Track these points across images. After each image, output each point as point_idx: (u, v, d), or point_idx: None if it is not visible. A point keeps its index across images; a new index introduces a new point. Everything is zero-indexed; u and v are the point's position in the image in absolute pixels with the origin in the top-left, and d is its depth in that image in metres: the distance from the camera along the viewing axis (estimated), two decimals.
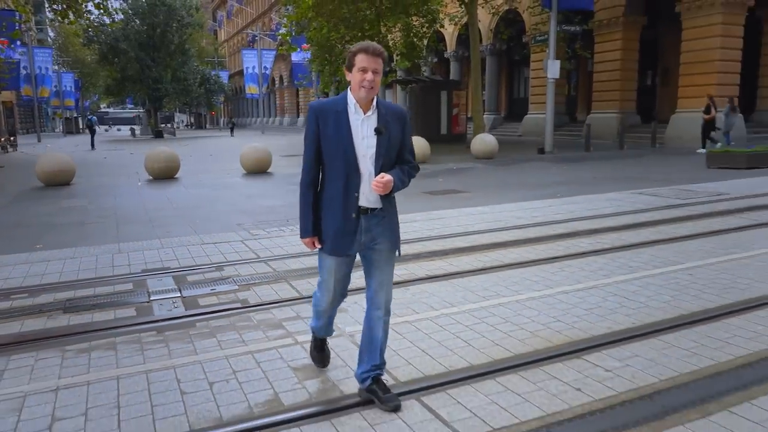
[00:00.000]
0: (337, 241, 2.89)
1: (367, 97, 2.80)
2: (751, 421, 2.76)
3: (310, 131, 2.88)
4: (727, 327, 3.94)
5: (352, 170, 2.82)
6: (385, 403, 2.94)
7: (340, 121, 2.81)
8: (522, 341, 3.81)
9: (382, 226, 2.92)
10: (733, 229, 7.00)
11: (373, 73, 2.76)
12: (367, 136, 2.82)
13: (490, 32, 32.06)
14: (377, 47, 2.81)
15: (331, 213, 2.89)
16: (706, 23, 20.82)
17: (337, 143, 2.81)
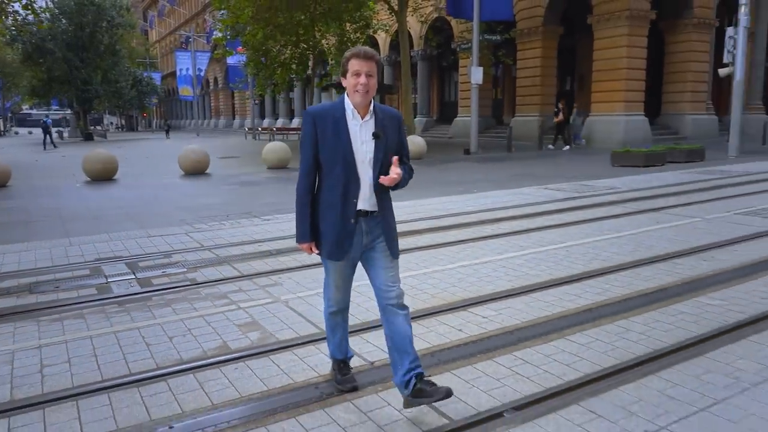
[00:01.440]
0: (335, 245, 2.92)
1: (363, 102, 2.83)
2: (576, 344, 3.81)
3: (308, 136, 2.89)
4: (582, 287, 5.04)
5: (352, 175, 2.85)
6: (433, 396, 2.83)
7: (339, 127, 2.83)
8: (423, 301, 4.77)
9: (380, 228, 2.96)
10: (613, 216, 8.27)
11: (367, 76, 2.78)
12: (365, 140, 2.85)
13: (421, 39, 33.39)
14: (369, 51, 2.83)
15: (328, 218, 2.91)
16: (614, 34, 22.75)
17: (336, 149, 2.83)
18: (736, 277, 5.22)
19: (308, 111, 2.92)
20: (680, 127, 25.26)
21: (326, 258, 3.00)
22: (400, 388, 2.91)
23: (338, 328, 3.21)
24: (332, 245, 2.93)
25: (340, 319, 3.19)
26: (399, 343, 2.92)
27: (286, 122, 51.19)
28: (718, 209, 8.61)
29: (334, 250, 2.93)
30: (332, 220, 2.89)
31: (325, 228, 2.93)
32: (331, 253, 2.95)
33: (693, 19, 24.47)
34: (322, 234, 2.95)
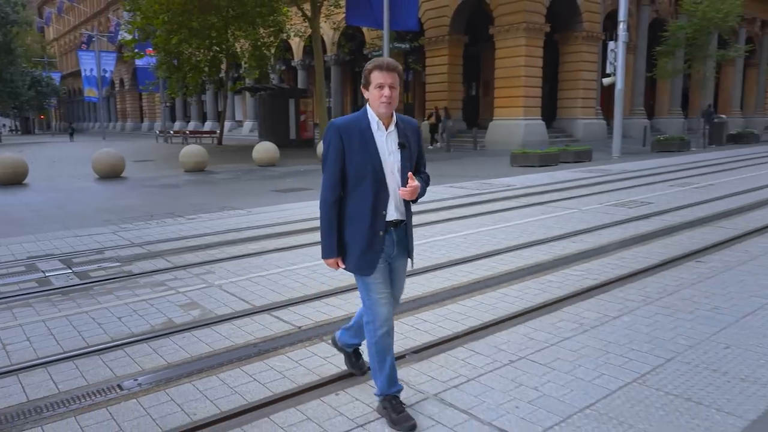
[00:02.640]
0: (363, 259, 2.89)
1: (387, 113, 2.83)
2: (465, 306, 4.73)
3: (334, 149, 2.84)
4: (474, 266, 6.01)
5: (381, 187, 2.85)
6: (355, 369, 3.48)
7: (366, 139, 2.82)
8: (340, 281, 5.56)
9: (408, 235, 3.03)
10: (506, 209, 9.42)
11: (390, 88, 2.78)
12: (392, 151, 2.87)
13: (334, 45, 34.21)
14: (392, 62, 2.82)
15: (356, 231, 2.89)
16: (513, 44, 24.55)
17: (365, 161, 2.81)
18: (597, 254, 6.38)
19: (333, 124, 2.88)
20: (573, 130, 27.54)
21: (354, 272, 2.96)
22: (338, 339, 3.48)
23: (388, 353, 3.00)
24: (360, 259, 2.89)
25: (391, 339, 3.01)
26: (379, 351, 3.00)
27: (199, 125, 50.39)
28: (593, 202, 9.99)
29: (363, 263, 2.90)
30: (361, 233, 2.87)
31: (352, 241, 2.90)
32: (359, 267, 2.91)
33: (582, 32, 26.79)
34: (349, 247, 2.91)
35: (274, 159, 18.44)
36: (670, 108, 33.62)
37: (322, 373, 3.59)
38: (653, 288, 5.10)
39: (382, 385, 3.00)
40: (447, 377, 3.47)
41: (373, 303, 2.94)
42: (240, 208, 10.02)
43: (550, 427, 2.90)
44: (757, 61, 40.45)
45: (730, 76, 37.92)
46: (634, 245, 6.78)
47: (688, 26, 23.67)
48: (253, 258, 6.54)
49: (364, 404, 3.17)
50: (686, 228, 7.67)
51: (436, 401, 3.19)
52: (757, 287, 5.07)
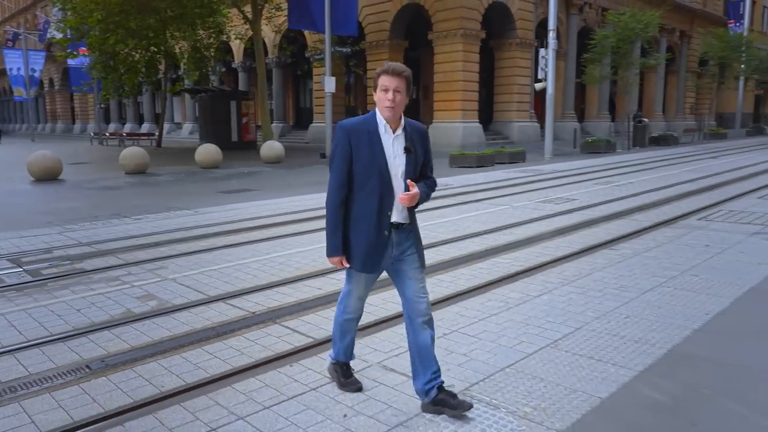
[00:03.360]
0: (368, 258, 2.98)
1: (391, 116, 2.90)
2: None
3: (342, 151, 2.92)
4: None
5: (386, 188, 2.92)
6: (457, 409, 2.97)
7: (373, 141, 2.90)
8: (289, 273, 5.95)
9: (410, 240, 3.08)
10: (444, 206, 10.02)
11: (395, 92, 2.85)
12: (398, 154, 2.94)
13: (275, 47, 34.26)
14: (400, 67, 2.90)
15: (361, 231, 2.97)
16: (451, 50, 25.42)
17: (371, 162, 2.89)
18: (524, 245, 7.03)
19: (342, 125, 2.96)
20: (509, 132, 28.70)
21: (359, 270, 3.04)
22: (420, 395, 3.08)
23: (349, 334, 3.30)
24: (364, 257, 2.98)
25: (354, 325, 3.30)
26: (423, 355, 3.04)
27: (135, 127, 49.18)
28: (524, 199, 10.73)
29: (366, 262, 2.99)
30: (365, 232, 2.96)
31: (356, 240, 2.99)
32: (363, 266, 3.01)
33: (516, 39, 27.97)
34: (353, 247, 3.00)
35: (217, 161, 18.50)
36: (598, 112, 35.41)
37: (276, 349, 3.99)
38: (570, 272, 5.75)
39: (338, 352, 3.34)
40: (389, 348, 3.94)
41: (350, 294, 3.19)
42: (186, 209, 10.20)
43: (476, 383, 3.42)
44: (677, 69, 43.08)
45: (653, 83, 40.27)
46: (557, 236, 7.47)
47: (613, 36, 25.14)
48: (203, 254, 6.83)
49: (316, 372, 3.60)
50: (604, 221, 8.45)
51: (380, 367, 3.65)
52: (658, 269, 5.79)
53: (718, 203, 9.94)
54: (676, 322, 4.32)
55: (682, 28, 41.99)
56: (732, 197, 10.64)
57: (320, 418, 3.06)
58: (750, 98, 55.08)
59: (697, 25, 42.74)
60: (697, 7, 43.22)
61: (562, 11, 30.62)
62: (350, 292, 3.18)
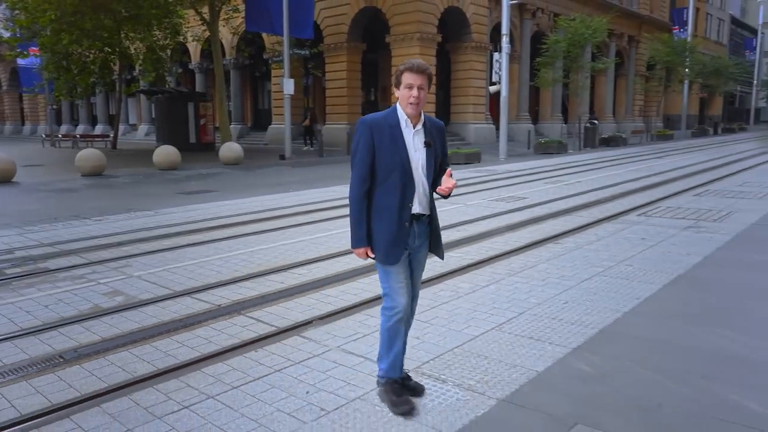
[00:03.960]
0: (391, 249, 3.03)
1: (414, 112, 2.99)
2: (357, 287, 5.54)
3: (365, 145, 3.00)
4: None
5: (409, 181, 3.00)
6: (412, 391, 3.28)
7: (395, 135, 2.99)
8: (252, 268, 6.20)
9: (428, 231, 3.19)
10: None
11: (419, 89, 2.94)
12: (418, 148, 3.03)
13: (233, 49, 34.13)
14: (423, 65, 2.98)
15: (383, 223, 3.03)
16: (408, 53, 25.87)
17: (393, 156, 2.97)
18: (475, 240, 7.44)
19: (364, 120, 3.05)
20: (465, 134, 29.34)
21: (381, 262, 3.09)
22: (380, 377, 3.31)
23: (398, 339, 3.16)
24: (388, 248, 3.04)
25: (404, 327, 3.18)
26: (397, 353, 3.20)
27: (89, 129, 48.05)
28: (478, 198, 11.19)
29: (389, 253, 3.04)
30: (387, 224, 3.02)
31: (379, 232, 3.05)
32: (386, 257, 3.05)
33: (472, 42, 28.65)
34: (376, 239, 3.06)
35: (175, 163, 18.45)
36: (551, 114, 36.49)
37: (242, 337, 4.25)
38: (517, 264, 6.17)
39: (386, 368, 3.19)
40: (347, 334, 4.26)
41: (393, 291, 3.11)
42: (147, 210, 10.28)
43: (427, 361, 3.76)
44: (625, 72, 44.68)
45: (603, 85, 41.67)
46: (507, 232, 7.92)
47: (564, 40, 26.05)
48: (167, 252, 7.01)
49: (280, 356, 3.88)
50: (551, 217, 8.95)
51: (339, 350, 3.97)
52: (597, 260, 6.27)
53: (657, 200, 10.60)
54: (609, 306, 4.77)
55: (631, 33, 43.60)
56: (670, 195, 11.34)
57: (285, 394, 3.35)
58: (695, 101, 57.52)
59: (644, 31, 44.46)
60: (644, 14, 44.93)
61: (516, 16, 31.49)
62: (393, 290, 3.10)
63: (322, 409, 3.17)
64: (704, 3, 58.35)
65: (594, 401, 3.21)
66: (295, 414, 3.13)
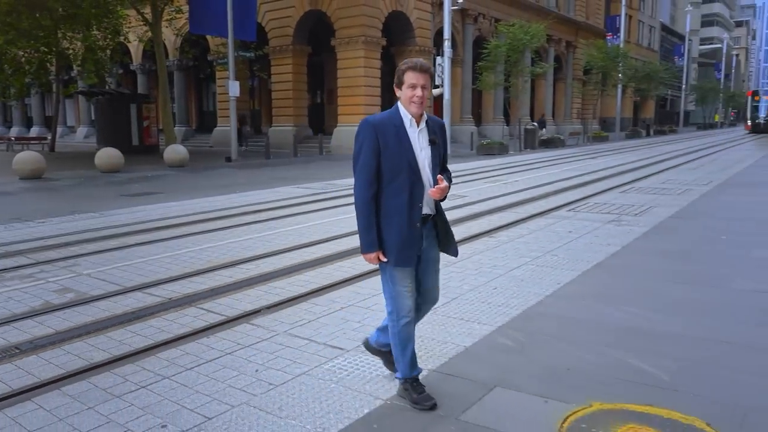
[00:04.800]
0: (403, 252, 3.00)
1: (418, 112, 2.99)
2: (304, 279, 5.86)
3: (370, 146, 2.96)
4: (316, 249, 7.16)
5: (416, 181, 2.98)
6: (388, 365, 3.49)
7: (401, 135, 2.97)
8: (202, 265, 6.42)
9: (436, 230, 3.18)
10: (348, 204, 10.71)
11: (422, 88, 2.94)
12: (423, 147, 3.03)
13: (176, 50, 33.69)
14: (425, 64, 3.00)
15: (393, 226, 2.99)
16: (353, 56, 26.28)
17: (400, 156, 2.95)
18: None
19: (368, 121, 3.01)
20: None
21: (395, 265, 3.03)
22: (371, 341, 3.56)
23: (410, 341, 3.19)
24: (399, 252, 3.00)
25: (413, 329, 3.22)
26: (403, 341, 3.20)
27: (23, 131, 46.29)
28: None
29: (401, 256, 3.01)
30: (398, 227, 2.99)
31: (389, 236, 3.01)
32: (399, 260, 3.01)
33: (416, 46, 29.26)
34: (387, 242, 3.01)
35: (118, 165, 18.20)
36: (494, 116, 37.59)
37: (194, 326, 4.51)
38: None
39: (404, 369, 3.20)
40: (293, 320, 4.58)
41: (398, 295, 3.09)
42: (92, 212, 10.26)
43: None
44: (564, 76, 46.46)
45: (543, 89, 43.22)
46: None
47: (504, 45, 27.02)
48: (115, 252, 7.13)
49: (230, 342, 4.17)
50: (488, 214, 9.50)
51: (285, 335, 4.29)
52: (526, 251, 6.80)
53: (586, 197, 11.34)
54: (533, 291, 5.26)
55: (568, 39, 45.34)
56: (599, 192, 12.12)
57: (236, 373, 3.65)
58: (629, 104, 60.20)
59: (580, 37, 46.30)
60: (580, 20, 46.83)
61: (458, 21, 32.35)
62: (398, 294, 3.10)
63: (270, 384, 3.49)
64: (636, 11, 61.17)
65: (512, 368, 3.65)
66: (246, 389, 3.43)
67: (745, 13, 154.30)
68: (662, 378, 3.46)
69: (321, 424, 3.00)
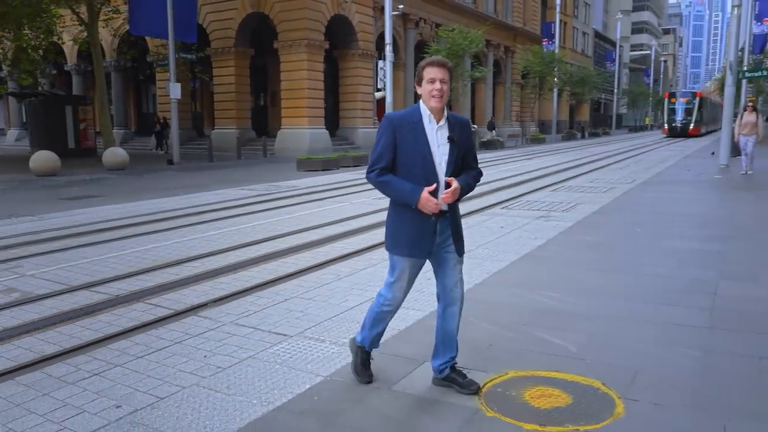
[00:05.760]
0: (416, 243, 3.11)
1: (438, 106, 3.04)
2: (257, 275, 6.11)
3: (386, 140, 3.07)
4: (259, 247, 7.40)
5: (431, 176, 3.04)
6: (465, 388, 3.28)
7: (417, 131, 3.04)
8: (147, 264, 6.57)
9: (451, 228, 3.20)
10: (290, 205, 10.99)
11: (441, 82, 3.01)
12: (441, 144, 3.07)
13: (114, 51, 32.91)
14: (442, 59, 3.09)
15: (407, 218, 3.09)
16: (296, 59, 26.44)
17: (415, 152, 3.04)
18: (356, 233, 8.21)
19: (388, 116, 3.15)
20: (354, 138, 30.32)
21: (407, 256, 3.15)
22: (435, 371, 3.39)
23: (381, 324, 3.41)
24: (413, 243, 3.11)
25: (389, 318, 3.42)
26: (447, 340, 3.35)
27: None
28: (363, 197, 12.04)
29: (415, 248, 3.11)
30: (411, 219, 3.08)
31: (403, 227, 3.12)
32: (412, 251, 3.12)
33: (359, 50, 29.69)
34: (401, 233, 3.14)
35: (54, 168, 17.78)
36: None
37: (142, 320, 4.71)
38: None
39: (365, 338, 3.47)
40: (239, 312, 4.84)
41: (393, 286, 3.28)
42: (30, 215, 10.13)
43: (309, 327, 4.44)
44: (503, 80, 47.91)
45: (483, 92, 44.45)
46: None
47: (444, 50, 27.76)
48: (58, 254, 7.17)
49: (179, 332, 4.40)
50: None
51: (232, 324, 4.55)
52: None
53: (519, 196, 11.98)
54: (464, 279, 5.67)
55: (506, 44, 46.80)
56: (532, 191, 12.81)
57: (185, 359, 3.90)
58: (566, 107, 62.56)
59: (518, 42, 47.89)
60: (518, 26, 48.42)
61: (400, 25, 32.97)
62: (395, 282, 3.24)
63: (218, 367, 3.76)
64: (571, 18, 63.65)
65: None
66: (196, 372, 3.69)
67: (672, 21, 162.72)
68: (570, 349, 3.93)
69: (267, 398, 3.31)
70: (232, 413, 3.14)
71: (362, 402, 3.26)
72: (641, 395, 3.25)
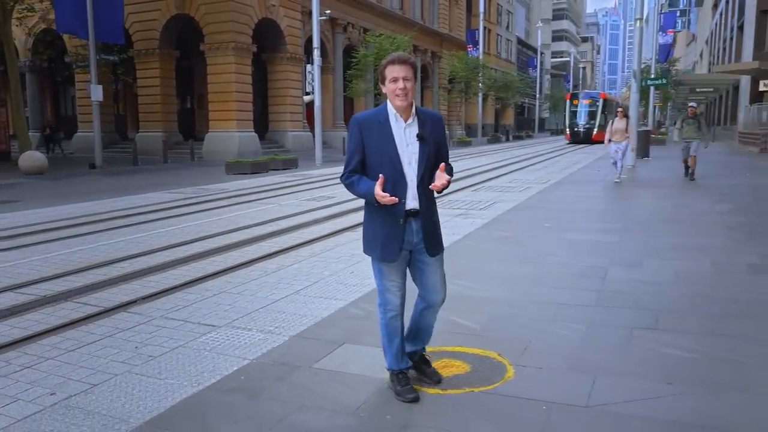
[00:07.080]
0: (386, 247, 3.06)
1: (403, 105, 2.97)
2: (188, 272, 6.30)
3: (354, 142, 3.05)
4: (190, 246, 7.56)
5: (399, 177, 2.99)
6: (429, 377, 3.42)
7: (384, 131, 2.99)
8: (76, 268, 6.62)
9: (426, 227, 3.12)
10: (219, 207, 11.11)
11: (404, 80, 2.93)
12: (410, 143, 3.01)
13: (28, 50, 31.51)
14: (404, 55, 3.01)
15: (378, 221, 3.06)
16: (223, 62, 26.27)
17: (382, 152, 2.99)
18: (284, 233, 8.50)
19: (354, 118, 3.11)
20: (284, 141, 30.38)
21: (380, 260, 3.12)
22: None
23: (397, 335, 3.26)
24: (384, 246, 3.06)
25: (400, 323, 3.28)
26: (423, 332, 3.43)
27: None
28: (292, 198, 12.30)
29: (385, 251, 3.07)
30: (381, 221, 3.05)
31: (375, 229, 3.09)
32: (384, 255, 3.08)
33: (287, 53, 29.77)
34: (373, 236, 3.10)
35: None
36: None
37: (71, 317, 4.84)
38: (318, 248, 7.35)
39: (390, 360, 3.31)
40: (169, 307, 5.05)
41: (384, 290, 3.21)
42: None
43: (237, 318, 4.72)
44: (430, 85, 49.07)
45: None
46: (313, 225, 9.11)
47: (371, 54, 28.30)
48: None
49: (109, 327, 4.57)
50: (353, 212, 10.31)
51: (162, 318, 4.77)
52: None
53: (442, 195, 12.54)
54: None
55: (433, 50, 48.00)
56: (455, 191, 13.43)
57: (117, 350, 4.10)
58: (491, 111, 64.70)
59: (444, 48, 49.21)
60: (444, 32, 49.75)
61: (328, 30, 33.27)
62: (385, 289, 3.20)
63: (149, 356, 3.99)
64: (494, 25, 65.91)
65: (359, 330, 4.42)
66: (127, 361, 3.91)
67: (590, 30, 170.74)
68: (474, 328, 4.41)
69: (197, 380, 3.58)
70: (164, 394, 3.40)
71: (285, 378, 3.60)
72: (529, 362, 3.76)
